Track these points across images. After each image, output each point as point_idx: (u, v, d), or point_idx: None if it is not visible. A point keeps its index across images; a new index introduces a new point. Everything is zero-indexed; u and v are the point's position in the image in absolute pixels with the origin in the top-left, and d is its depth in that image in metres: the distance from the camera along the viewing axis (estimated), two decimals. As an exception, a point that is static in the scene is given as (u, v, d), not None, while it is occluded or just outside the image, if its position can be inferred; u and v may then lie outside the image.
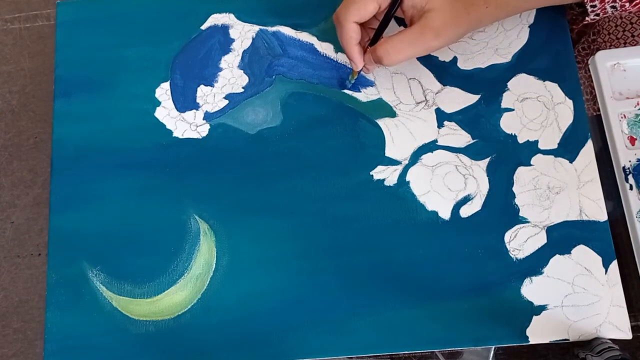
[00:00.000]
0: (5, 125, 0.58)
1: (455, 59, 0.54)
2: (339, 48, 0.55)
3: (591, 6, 0.48)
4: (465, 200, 0.50)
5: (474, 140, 0.52)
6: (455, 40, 0.48)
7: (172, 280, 0.50)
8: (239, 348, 0.48)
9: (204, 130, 0.54)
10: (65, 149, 0.54)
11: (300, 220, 0.51)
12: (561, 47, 0.53)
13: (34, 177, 0.57)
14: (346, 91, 0.53)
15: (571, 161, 0.50)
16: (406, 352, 0.49)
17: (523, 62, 0.53)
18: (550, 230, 0.49)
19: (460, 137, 0.52)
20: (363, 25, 0.49)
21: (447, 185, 0.51)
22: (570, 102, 0.52)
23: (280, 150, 0.53)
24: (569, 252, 0.48)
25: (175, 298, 0.49)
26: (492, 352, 0.49)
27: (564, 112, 0.51)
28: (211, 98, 0.54)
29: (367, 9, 0.47)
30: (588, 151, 0.50)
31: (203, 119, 0.54)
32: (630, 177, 0.49)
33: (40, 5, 0.62)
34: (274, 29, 0.56)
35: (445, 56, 0.54)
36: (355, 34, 0.48)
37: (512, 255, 0.49)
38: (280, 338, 0.48)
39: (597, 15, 0.49)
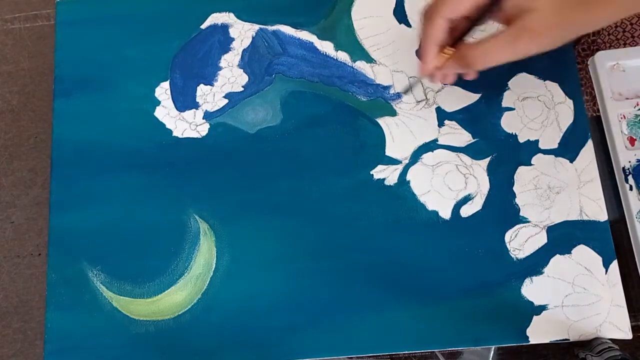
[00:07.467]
0: (5, 125, 0.58)
1: (455, 59, 0.53)
2: (338, 46, 0.55)
3: None
4: (466, 199, 0.50)
5: (475, 140, 0.51)
6: (561, 43, 0.42)
7: (172, 280, 0.50)
8: (239, 348, 0.48)
9: (203, 129, 0.54)
10: (65, 149, 0.54)
11: (300, 219, 0.51)
12: (561, 46, 0.53)
13: (34, 177, 0.57)
14: (345, 90, 0.53)
15: (571, 161, 0.50)
16: (406, 352, 0.49)
17: (523, 62, 0.52)
18: (551, 230, 0.49)
19: (461, 137, 0.52)
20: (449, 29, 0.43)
21: (448, 184, 0.51)
22: (570, 102, 0.52)
23: (280, 149, 0.52)
24: (569, 252, 0.48)
25: (176, 298, 0.49)
26: (492, 352, 0.49)
27: (565, 111, 0.51)
28: (211, 97, 0.54)
29: (464, 4, 0.41)
30: (588, 151, 0.50)
31: (203, 118, 0.54)
32: (630, 177, 0.49)
33: (40, 5, 0.61)
34: (274, 27, 0.56)
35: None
36: (442, 33, 0.43)
37: (512, 255, 0.48)
38: (280, 338, 0.48)
39: None
